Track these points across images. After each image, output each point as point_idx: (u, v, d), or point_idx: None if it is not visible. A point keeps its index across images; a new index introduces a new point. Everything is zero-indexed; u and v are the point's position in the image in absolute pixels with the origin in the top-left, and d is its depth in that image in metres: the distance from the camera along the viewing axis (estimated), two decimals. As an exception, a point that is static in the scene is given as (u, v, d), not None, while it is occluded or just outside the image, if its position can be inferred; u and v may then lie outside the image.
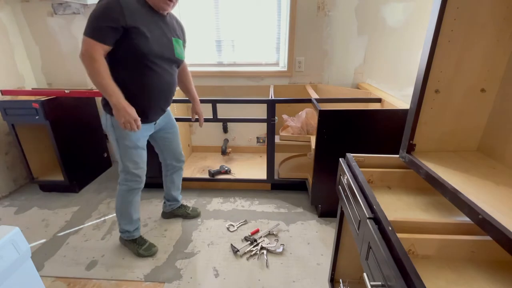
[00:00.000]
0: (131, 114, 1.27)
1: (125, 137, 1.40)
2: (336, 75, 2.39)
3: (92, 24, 1.18)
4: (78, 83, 2.53)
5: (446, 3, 0.68)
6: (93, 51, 1.18)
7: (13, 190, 2.36)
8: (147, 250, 1.64)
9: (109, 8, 1.18)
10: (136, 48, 1.26)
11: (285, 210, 2.03)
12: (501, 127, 0.76)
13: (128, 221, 1.61)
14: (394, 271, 0.58)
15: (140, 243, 1.66)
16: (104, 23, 1.18)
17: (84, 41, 1.19)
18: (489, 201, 0.60)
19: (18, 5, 2.30)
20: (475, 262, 0.71)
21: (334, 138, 1.68)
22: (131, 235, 1.64)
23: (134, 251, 1.65)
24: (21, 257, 0.95)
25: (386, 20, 2.18)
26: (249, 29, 2.39)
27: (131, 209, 1.58)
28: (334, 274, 1.24)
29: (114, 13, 1.18)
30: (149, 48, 1.28)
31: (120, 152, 1.45)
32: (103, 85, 1.22)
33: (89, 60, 1.19)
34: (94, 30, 1.18)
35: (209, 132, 2.74)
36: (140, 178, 1.53)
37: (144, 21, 1.26)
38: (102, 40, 1.19)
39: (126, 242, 1.68)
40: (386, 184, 1.01)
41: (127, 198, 1.55)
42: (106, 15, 1.18)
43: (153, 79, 1.36)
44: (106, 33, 1.19)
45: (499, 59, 0.73)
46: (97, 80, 1.22)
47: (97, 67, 1.20)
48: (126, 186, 1.52)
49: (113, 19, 1.18)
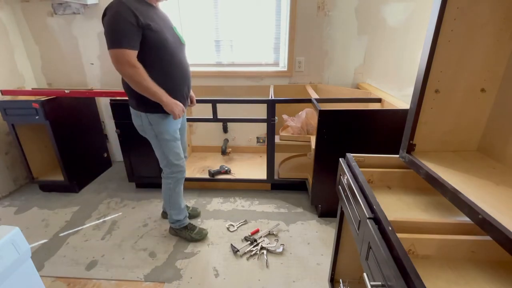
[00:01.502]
0: (179, 104, 1.41)
1: (163, 132, 1.47)
2: (336, 75, 2.39)
3: (116, 35, 1.19)
4: (78, 83, 2.53)
5: (446, 3, 0.67)
6: (130, 59, 1.21)
7: (13, 190, 2.36)
8: (198, 233, 1.75)
9: (122, 14, 1.18)
10: (155, 43, 1.29)
11: (285, 210, 2.03)
12: (501, 127, 0.76)
13: (178, 210, 1.69)
14: (394, 271, 0.58)
15: (191, 229, 1.76)
16: (125, 29, 1.19)
17: (116, 54, 1.20)
18: (489, 201, 0.60)
19: (18, 5, 2.30)
20: (475, 262, 0.71)
21: (334, 138, 1.68)
22: (182, 223, 1.73)
23: (187, 236, 1.74)
24: (21, 257, 0.95)
25: (386, 20, 2.18)
26: (249, 29, 2.39)
27: (180, 199, 1.68)
28: (334, 274, 1.24)
29: (129, 16, 1.19)
30: (165, 39, 1.32)
31: (162, 148, 1.51)
32: (150, 88, 1.28)
33: (131, 69, 1.22)
34: (121, 39, 1.19)
35: (209, 132, 2.74)
36: (183, 168, 1.62)
37: (149, 16, 1.28)
38: (132, 46, 1.22)
39: (178, 230, 1.76)
40: (386, 184, 1.01)
41: (175, 190, 1.64)
42: (123, 21, 1.19)
43: (176, 68, 1.41)
44: (131, 38, 1.21)
45: (499, 59, 0.73)
46: (144, 85, 1.27)
47: (141, 73, 1.25)
48: (173, 178, 1.60)
49: (131, 22, 1.20)
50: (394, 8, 2.14)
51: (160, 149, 1.52)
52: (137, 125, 1.50)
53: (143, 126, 1.47)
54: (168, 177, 1.60)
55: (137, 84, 1.27)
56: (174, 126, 1.51)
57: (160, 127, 1.45)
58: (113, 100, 1.98)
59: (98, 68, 2.48)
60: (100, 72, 2.50)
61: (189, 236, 1.73)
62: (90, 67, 2.48)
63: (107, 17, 1.21)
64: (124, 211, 2.06)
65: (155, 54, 1.31)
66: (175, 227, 1.75)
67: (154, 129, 1.45)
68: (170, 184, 1.61)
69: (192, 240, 1.74)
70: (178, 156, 1.57)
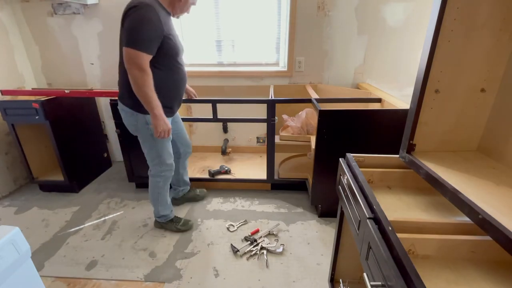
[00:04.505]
0: (168, 124, 1.42)
1: None
2: (336, 75, 2.39)
3: (138, 36, 1.20)
4: (78, 83, 2.53)
5: (446, 3, 0.68)
6: (142, 62, 1.22)
7: (13, 190, 2.36)
8: (184, 225, 1.81)
9: (152, 20, 1.21)
10: (169, 52, 1.35)
11: (285, 210, 2.03)
12: (501, 127, 0.76)
13: (165, 206, 1.75)
14: (394, 271, 0.58)
15: (177, 221, 1.82)
16: (150, 35, 1.21)
17: (131, 53, 1.21)
18: (489, 201, 0.60)
19: (18, 5, 2.30)
20: (475, 262, 0.71)
21: (334, 138, 1.68)
22: (168, 216, 1.79)
23: (173, 229, 1.80)
24: (21, 257, 0.95)
25: (386, 20, 2.18)
26: (249, 29, 2.39)
27: (167, 195, 1.74)
28: (334, 274, 1.24)
29: (157, 22, 1.22)
30: (177, 49, 1.40)
31: (156, 147, 1.55)
32: (149, 96, 1.29)
33: (139, 71, 1.23)
34: (142, 42, 1.21)
35: (209, 132, 2.74)
36: (173, 166, 1.69)
37: (169, 25, 1.34)
38: (149, 51, 1.23)
39: (164, 224, 1.81)
40: (386, 184, 1.01)
41: (164, 187, 1.69)
42: (151, 27, 1.21)
43: (179, 74, 1.48)
44: (151, 44, 1.24)
45: (499, 59, 0.73)
46: (144, 91, 1.27)
47: (146, 78, 1.25)
48: (162, 177, 1.65)
49: (157, 29, 1.23)
50: (394, 8, 2.14)
51: (154, 148, 1.54)
52: (130, 124, 1.51)
53: (138, 126, 1.49)
54: (158, 176, 1.64)
55: (139, 87, 1.28)
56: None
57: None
58: (113, 100, 1.98)
59: (98, 68, 2.48)
60: (100, 72, 2.50)
61: (175, 228, 1.80)
62: (90, 67, 2.48)
63: (135, 17, 1.20)
64: (124, 211, 2.06)
65: (168, 60, 1.38)
66: (162, 221, 1.80)
67: (151, 129, 1.46)
68: (159, 183, 1.66)
69: (179, 231, 1.80)
70: (170, 156, 1.64)
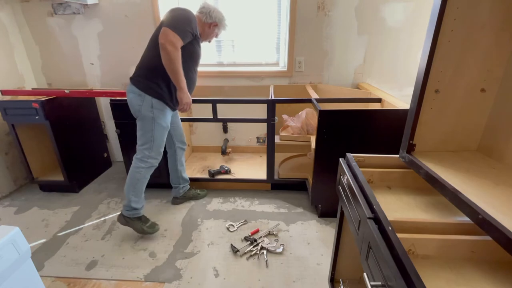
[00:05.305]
0: (190, 100, 1.61)
1: (161, 118, 1.61)
2: (336, 75, 2.39)
3: (179, 24, 1.45)
4: (78, 83, 2.53)
5: (446, 3, 0.68)
6: (177, 43, 1.44)
7: (13, 190, 2.36)
8: (151, 227, 1.75)
9: (191, 19, 1.50)
10: (193, 55, 1.60)
11: (285, 210, 2.03)
12: (501, 127, 0.76)
13: (139, 198, 1.70)
14: (394, 271, 0.58)
15: (144, 221, 1.76)
16: (188, 27, 1.47)
17: (170, 33, 1.41)
18: (489, 201, 0.60)
19: (18, 5, 2.30)
20: (475, 262, 0.71)
21: (334, 138, 1.68)
22: (137, 212, 1.72)
23: (139, 228, 1.72)
24: (21, 257, 0.95)
25: (386, 20, 2.18)
26: (249, 29, 2.39)
27: (144, 187, 1.71)
28: (334, 274, 1.24)
29: (194, 23, 1.51)
30: (198, 56, 1.66)
31: (154, 131, 1.61)
32: (179, 70, 1.48)
33: (173, 48, 1.42)
34: (181, 29, 1.44)
35: (209, 132, 2.74)
36: (160, 157, 1.71)
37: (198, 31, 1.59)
38: (183, 38, 1.46)
39: (130, 220, 1.71)
40: (386, 184, 1.01)
41: (145, 175, 1.67)
42: (190, 22, 1.49)
43: (191, 79, 1.66)
44: (187, 35, 1.48)
45: (499, 59, 0.73)
46: (175, 65, 1.46)
47: (177, 54, 1.45)
48: (147, 163, 1.65)
49: (193, 28, 1.51)
50: (394, 8, 2.14)
51: (151, 132, 1.60)
52: (135, 104, 1.57)
53: (142, 107, 1.56)
54: (143, 161, 1.64)
55: (170, 60, 1.44)
56: (168, 118, 1.67)
57: (159, 113, 1.59)
58: (113, 100, 1.98)
59: (98, 68, 2.48)
60: (100, 72, 2.50)
61: (141, 228, 1.71)
62: (90, 67, 2.48)
63: (181, 12, 1.49)
64: (124, 211, 2.06)
65: (188, 62, 1.59)
66: (129, 215, 1.69)
67: (154, 113, 1.57)
68: (142, 169, 1.64)
69: (143, 233, 1.72)
70: (163, 144, 1.69)
